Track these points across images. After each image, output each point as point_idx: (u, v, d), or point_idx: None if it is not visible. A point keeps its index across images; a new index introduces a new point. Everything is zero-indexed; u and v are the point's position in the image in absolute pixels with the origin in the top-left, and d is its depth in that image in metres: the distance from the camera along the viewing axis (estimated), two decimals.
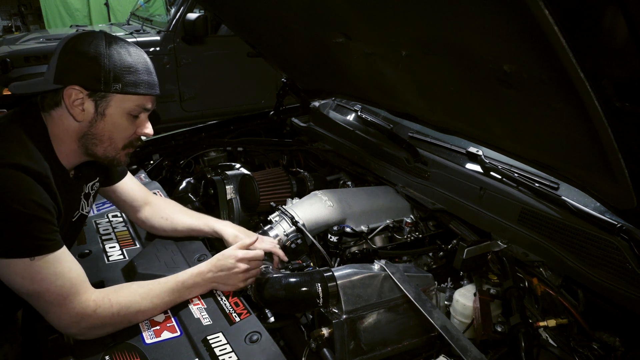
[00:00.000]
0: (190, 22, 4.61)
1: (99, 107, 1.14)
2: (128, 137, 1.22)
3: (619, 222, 1.20)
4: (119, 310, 1.13)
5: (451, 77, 1.33)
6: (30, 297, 1.06)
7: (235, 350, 1.10)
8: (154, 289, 1.20)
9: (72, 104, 1.12)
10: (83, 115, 1.14)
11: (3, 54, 4.32)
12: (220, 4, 2.08)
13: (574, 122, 1.03)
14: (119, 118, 1.17)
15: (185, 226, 1.55)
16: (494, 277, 1.41)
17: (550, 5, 0.75)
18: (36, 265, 1.03)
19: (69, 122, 1.15)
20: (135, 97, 1.17)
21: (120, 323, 1.15)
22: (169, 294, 1.22)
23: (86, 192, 1.34)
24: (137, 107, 1.18)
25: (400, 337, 1.28)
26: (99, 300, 1.11)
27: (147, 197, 1.57)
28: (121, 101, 1.15)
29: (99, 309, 1.10)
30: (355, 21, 1.45)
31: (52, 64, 1.12)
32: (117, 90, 1.13)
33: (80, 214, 1.33)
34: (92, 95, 1.12)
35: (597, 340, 1.26)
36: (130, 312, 1.15)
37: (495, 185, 1.56)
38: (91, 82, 1.11)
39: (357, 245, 1.73)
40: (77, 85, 1.11)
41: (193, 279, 1.26)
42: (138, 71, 1.15)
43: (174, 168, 2.32)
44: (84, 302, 1.09)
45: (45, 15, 8.72)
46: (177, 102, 4.93)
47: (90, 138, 1.18)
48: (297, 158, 2.59)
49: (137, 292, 1.18)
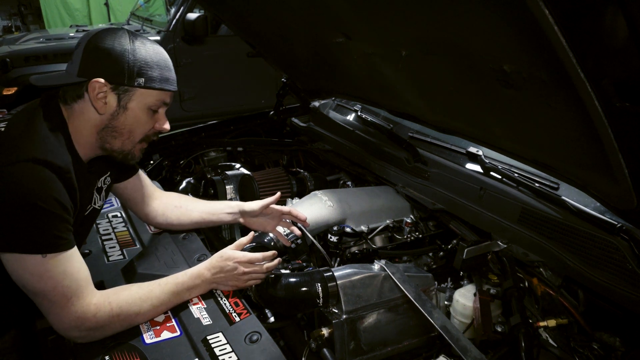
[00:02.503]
0: (190, 22, 4.61)
1: (121, 101, 1.17)
2: (146, 131, 1.25)
3: (619, 222, 1.20)
4: (119, 314, 1.13)
5: (451, 77, 1.33)
6: (36, 296, 1.06)
7: (235, 350, 1.10)
8: (153, 291, 1.20)
9: (96, 96, 1.14)
10: (105, 108, 1.16)
11: (3, 54, 4.32)
12: (220, 4, 2.08)
13: (574, 122, 1.03)
14: (140, 112, 1.20)
15: (200, 210, 1.56)
16: (494, 277, 1.41)
17: (550, 5, 0.75)
18: (47, 263, 1.03)
19: (91, 114, 1.17)
20: (157, 92, 1.20)
21: (119, 326, 1.15)
22: (168, 296, 1.22)
23: (98, 187, 1.35)
24: (158, 101, 1.22)
25: (400, 337, 1.28)
26: (99, 303, 1.11)
27: (156, 191, 1.59)
28: (143, 96, 1.18)
29: (99, 313, 1.10)
30: (355, 21, 1.45)
31: (76, 58, 1.15)
32: (140, 85, 1.16)
33: (93, 207, 1.34)
34: (116, 88, 1.16)
35: (597, 340, 1.26)
36: (130, 315, 1.15)
37: (495, 185, 1.56)
38: (115, 76, 1.14)
39: (357, 245, 1.73)
40: (101, 79, 1.13)
41: (193, 280, 1.26)
42: (160, 67, 1.19)
43: (174, 168, 2.32)
44: (85, 306, 1.09)
45: (45, 15, 8.73)
46: (177, 102, 4.93)
47: (110, 131, 1.20)
48: (297, 158, 2.59)
49: (137, 294, 1.18)
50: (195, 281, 1.26)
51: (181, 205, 1.56)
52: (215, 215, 1.57)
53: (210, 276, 1.27)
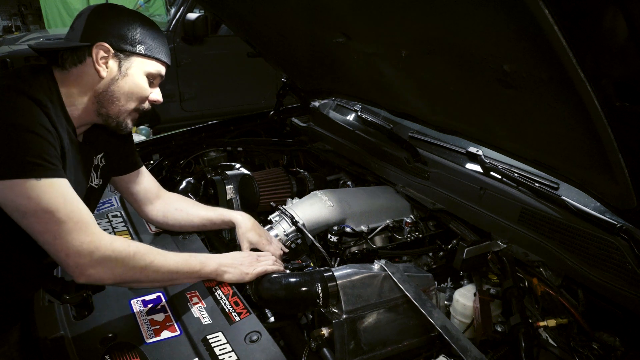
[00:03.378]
0: (190, 22, 4.61)
1: (122, 66, 1.21)
2: (142, 100, 1.28)
3: (619, 222, 1.20)
4: (135, 254, 1.12)
5: (451, 77, 1.34)
6: (39, 218, 1.00)
7: (235, 350, 1.10)
8: (168, 253, 1.23)
9: (98, 60, 1.17)
10: (107, 72, 1.20)
11: (3, 54, 4.32)
12: (220, 4, 2.08)
13: (574, 122, 1.03)
14: (139, 79, 1.24)
15: (201, 217, 1.56)
16: (494, 277, 1.41)
17: (550, 5, 0.75)
18: (43, 186, 1.00)
19: (90, 78, 1.20)
20: (155, 62, 1.26)
21: (131, 270, 1.12)
22: (181, 261, 1.25)
23: (95, 164, 1.36)
24: (156, 71, 1.27)
25: (400, 337, 1.28)
26: (115, 238, 1.11)
27: (160, 191, 1.58)
28: (143, 63, 1.24)
29: (116, 244, 1.09)
30: (355, 21, 1.45)
31: (78, 26, 1.19)
32: (141, 52, 1.22)
33: (90, 186, 1.34)
34: (118, 54, 1.20)
35: (597, 340, 1.25)
36: (144, 260, 1.14)
37: (495, 185, 1.57)
38: (119, 41, 1.19)
39: (357, 245, 1.73)
40: (105, 43, 1.17)
41: (205, 257, 1.32)
42: (158, 39, 1.26)
43: (174, 168, 2.32)
44: (99, 233, 1.07)
45: (45, 15, 8.74)
46: (177, 102, 4.94)
47: (109, 95, 1.22)
48: (297, 158, 2.59)
49: (153, 249, 1.20)
50: (208, 257, 1.32)
51: (182, 209, 1.56)
52: (217, 225, 1.58)
53: (222, 257, 1.34)
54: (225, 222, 1.56)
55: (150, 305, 1.27)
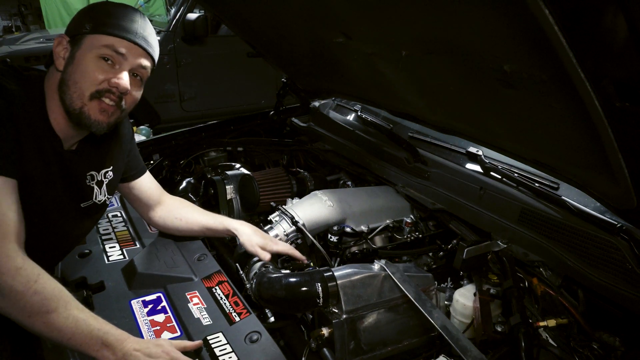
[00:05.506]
0: (190, 22, 4.61)
1: (73, 52, 1.15)
2: (95, 84, 1.14)
3: (619, 222, 1.20)
4: (36, 292, 0.95)
5: (451, 77, 1.33)
6: None
7: (235, 350, 1.10)
8: (77, 311, 1.01)
9: (57, 54, 1.15)
10: (62, 63, 1.15)
11: (3, 54, 4.32)
12: (220, 4, 2.08)
13: (574, 122, 1.03)
14: (87, 60, 1.13)
15: (200, 225, 1.55)
16: (494, 277, 1.41)
17: (550, 5, 0.75)
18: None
19: (56, 75, 1.16)
20: (105, 37, 1.13)
21: (22, 309, 0.95)
22: (85, 325, 1.00)
23: (99, 180, 1.33)
24: (106, 47, 1.13)
25: (400, 337, 1.28)
26: (27, 265, 0.96)
27: (162, 196, 1.57)
28: (90, 42, 1.14)
29: (22, 271, 0.94)
30: (355, 21, 1.45)
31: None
32: (87, 30, 1.14)
33: (94, 202, 1.31)
34: (71, 41, 1.16)
35: (597, 340, 1.25)
36: (43, 305, 0.96)
37: (495, 185, 1.56)
38: (73, 30, 1.16)
39: (357, 245, 1.73)
40: (64, 35, 1.16)
41: (115, 337, 1.03)
42: (114, 16, 1.15)
43: (174, 168, 2.32)
44: (12, 251, 0.94)
45: (45, 15, 8.74)
46: (177, 102, 4.93)
47: (62, 86, 1.14)
48: (297, 158, 2.59)
49: (66, 297, 1.01)
50: (118, 338, 1.03)
51: (182, 218, 1.55)
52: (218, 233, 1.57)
53: (130, 345, 1.03)
54: (226, 230, 1.55)
55: (151, 306, 1.27)
